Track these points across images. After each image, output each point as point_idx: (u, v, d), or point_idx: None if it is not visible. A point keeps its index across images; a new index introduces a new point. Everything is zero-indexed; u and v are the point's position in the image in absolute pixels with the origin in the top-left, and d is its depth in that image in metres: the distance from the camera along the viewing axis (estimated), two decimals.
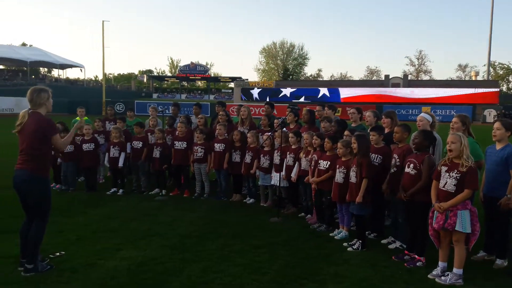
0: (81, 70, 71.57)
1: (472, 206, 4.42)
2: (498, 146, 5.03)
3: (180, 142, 8.36)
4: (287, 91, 50.12)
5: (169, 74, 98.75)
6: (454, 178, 4.38)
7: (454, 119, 5.51)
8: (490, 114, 40.57)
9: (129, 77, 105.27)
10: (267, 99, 42.25)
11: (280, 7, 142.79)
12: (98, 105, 40.90)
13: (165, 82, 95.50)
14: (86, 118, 10.08)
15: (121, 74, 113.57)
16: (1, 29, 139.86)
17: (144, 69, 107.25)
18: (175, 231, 6.13)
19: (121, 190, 8.55)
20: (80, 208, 7.38)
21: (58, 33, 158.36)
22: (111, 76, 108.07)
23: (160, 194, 8.27)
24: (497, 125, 5.03)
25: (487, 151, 5.20)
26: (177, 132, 8.55)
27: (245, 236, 5.94)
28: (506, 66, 77.99)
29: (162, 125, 9.44)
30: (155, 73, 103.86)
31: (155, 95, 77.20)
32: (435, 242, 4.64)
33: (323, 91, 49.27)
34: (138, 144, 8.68)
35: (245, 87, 52.70)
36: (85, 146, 8.69)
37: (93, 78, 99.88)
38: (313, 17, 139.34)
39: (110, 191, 8.53)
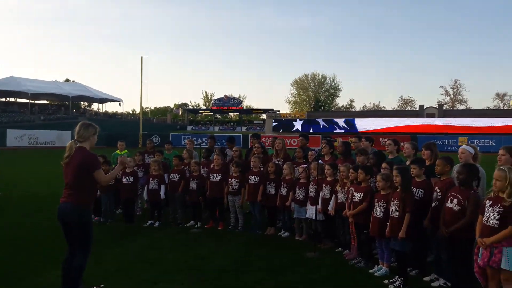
0: (119, 104, 74.48)
1: None
2: None
3: (215, 175, 8.45)
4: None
5: (203, 107, 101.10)
6: (497, 212, 4.20)
7: (500, 151, 5.28)
8: None
9: (165, 110, 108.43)
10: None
11: (312, 39, 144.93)
12: (135, 137, 42.13)
13: (199, 114, 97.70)
14: (125, 151, 10.41)
15: (158, 107, 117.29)
16: (48, 66, 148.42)
17: (180, 103, 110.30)
18: (211, 264, 6.11)
19: (157, 222, 8.66)
20: (118, 239, 7.51)
21: (99, 69, 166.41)
22: (147, 109, 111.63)
23: (196, 226, 8.31)
24: None
25: None
26: (212, 164, 8.67)
27: (282, 271, 5.84)
28: None
29: (199, 157, 9.59)
30: (190, 106, 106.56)
31: (189, 128, 78.94)
32: (480, 280, 4.41)
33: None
34: (176, 177, 8.83)
35: (278, 119, 53.18)
36: (125, 179, 8.93)
37: (131, 112, 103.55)
38: (345, 48, 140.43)
39: (147, 223, 8.66)
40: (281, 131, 50.51)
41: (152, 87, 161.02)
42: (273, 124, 53.34)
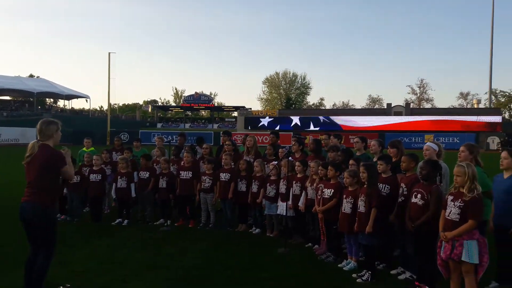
0: (86, 100, 72.69)
1: (480, 236, 4.36)
2: (506, 175, 5.04)
3: (185, 172, 8.37)
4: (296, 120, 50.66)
5: (174, 104, 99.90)
6: (457, 207, 4.36)
7: (461, 148, 5.48)
8: (494, 142, 40.56)
9: (134, 107, 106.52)
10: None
11: (283, 38, 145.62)
12: (103, 135, 41.21)
13: (170, 112, 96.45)
14: (92, 148, 10.16)
15: (126, 104, 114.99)
16: (10, 60, 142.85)
17: (149, 99, 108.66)
18: (180, 262, 6.06)
19: (126, 221, 8.51)
20: (85, 239, 7.33)
21: (65, 64, 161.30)
22: (116, 106, 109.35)
23: (165, 224, 8.22)
24: (504, 154, 5.05)
25: (495, 180, 5.20)
26: (182, 162, 8.59)
27: (252, 268, 5.85)
28: (507, 93, 78.64)
29: (168, 155, 9.48)
30: (160, 103, 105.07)
31: (159, 125, 77.76)
32: (442, 272, 4.57)
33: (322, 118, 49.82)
34: (145, 174, 8.70)
35: (249, 116, 53.17)
36: (92, 177, 8.72)
37: (98, 108, 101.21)
38: (315, 47, 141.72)
39: (116, 222, 8.49)
40: (249, 128, 50.55)
41: (120, 83, 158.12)
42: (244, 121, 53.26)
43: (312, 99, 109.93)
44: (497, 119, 47.08)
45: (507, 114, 78.27)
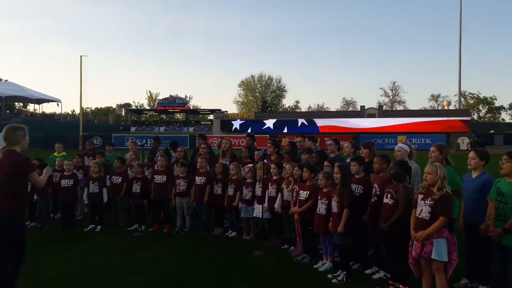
0: (57, 104, 70.76)
1: (449, 234, 4.48)
2: (474, 174, 5.18)
3: (160, 176, 8.27)
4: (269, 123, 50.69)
5: (148, 107, 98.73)
6: (428, 205, 4.47)
7: (431, 148, 5.62)
8: (463, 142, 41.71)
9: (107, 111, 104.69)
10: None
11: (258, 41, 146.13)
12: (75, 139, 40.26)
13: (144, 115, 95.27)
14: (63, 153, 9.91)
15: (99, 108, 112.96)
16: None
17: (122, 103, 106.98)
18: (155, 268, 5.97)
19: (99, 227, 8.33)
20: (56, 246, 7.13)
21: (35, 67, 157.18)
22: (88, 110, 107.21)
23: (140, 230, 8.09)
24: (471, 154, 5.20)
25: (463, 180, 5.34)
26: (156, 165, 8.48)
27: (228, 271, 5.83)
28: (476, 95, 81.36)
29: (142, 159, 9.35)
30: (134, 107, 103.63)
31: (133, 129, 76.79)
32: (414, 271, 4.67)
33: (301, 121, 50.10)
34: (117, 179, 8.55)
35: (224, 119, 52.99)
36: (64, 182, 8.50)
37: (70, 113, 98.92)
38: (290, 50, 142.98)
39: (88, 228, 8.30)
40: (225, 131, 50.36)
41: (93, 86, 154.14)
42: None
43: (287, 102, 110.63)
44: (466, 120, 48.50)
45: (475, 115, 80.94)
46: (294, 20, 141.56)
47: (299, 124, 49.61)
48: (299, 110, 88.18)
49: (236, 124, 51.14)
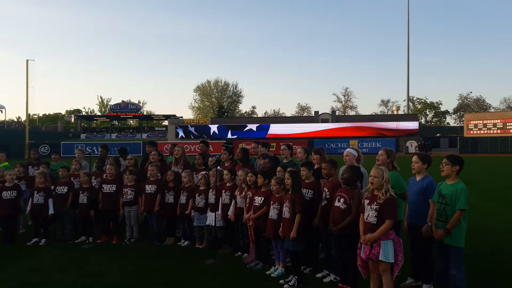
0: (1, 111, 66.89)
1: (396, 236, 4.63)
2: (418, 178, 5.40)
3: (109, 185, 7.98)
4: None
5: (99, 113, 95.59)
6: (374, 210, 4.60)
7: (380, 152, 5.80)
8: (412, 145, 43.63)
9: (55, 117, 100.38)
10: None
11: (214, 46, 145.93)
12: (21, 147, 38.22)
13: (95, 121, 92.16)
14: (6, 163, 9.33)
15: (47, 114, 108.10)
16: None
17: (72, 109, 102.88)
18: (102, 281, 5.74)
19: (43, 240, 7.91)
20: None
21: None
22: (35, 116, 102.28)
23: (87, 242, 7.76)
24: (414, 158, 5.41)
25: (409, 183, 5.54)
26: (105, 174, 8.19)
27: (179, 282, 5.70)
28: (423, 100, 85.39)
29: (90, 168, 8.98)
30: (84, 113, 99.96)
31: (83, 136, 74.02)
32: (362, 273, 4.79)
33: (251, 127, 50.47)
34: (63, 189, 8.15)
35: (180, 125, 52.30)
36: (6, 194, 7.99)
37: (16, 119, 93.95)
38: (246, 56, 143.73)
39: (32, 242, 7.86)
40: (183, 137, 49.80)
41: (40, 92, 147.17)
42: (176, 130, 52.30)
43: (244, 107, 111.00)
44: (414, 124, 50.79)
45: (423, 119, 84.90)
46: (249, 26, 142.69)
47: (254, 129, 49.92)
48: (255, 116, 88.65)
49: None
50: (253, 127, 50.72)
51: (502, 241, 7.75)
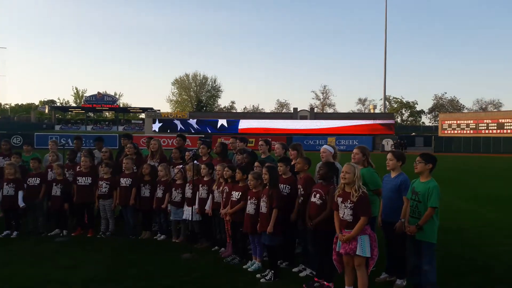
0: None
1: (371, 231, 4.72)
2: (393, 175, 5.50)
3: (83, 178, 7.83)
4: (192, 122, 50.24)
5: (74, 105, 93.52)
6: (349, 208, 4.69)
7: (355, 150, 5.90)
8: (388, 143, 44.45)
9: (29, 107, 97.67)
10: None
11: (193, 39, 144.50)
12: None
13: (69, 113, 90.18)
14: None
15: (19, 104, 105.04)
16: None
17: (46, 99, 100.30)
18: (77, 275, 5.65)
19: (15, 233, 7.72)
20: None
21: None
22: (7, 106, 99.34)
23: (61, 235, 7.62)
24: (389, 156, 5.52)
25: (383, 179, 5.65)
26: (79, 167, 8.02)
27: (155, 276, 5.66)
28: (399, 100, 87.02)
29: (63, 160, 8.78)
30: (58, 104, 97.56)
31: (57, 127, 72.21)
32: (337, 267, 4.87)
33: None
34: (35, 181, 7.95)
35: (157, 118, 51.62)
36: None
37: None
38: (225, 50, 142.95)
39: (3, 234, 7.66)
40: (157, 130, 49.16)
41: (12, 81, 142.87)
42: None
43: (223, 102, 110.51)
44: (390, 123, 51.64)
45: (399, 118, 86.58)
46: (230, 20, 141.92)
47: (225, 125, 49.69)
48: (234, 111, 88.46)
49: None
50: (224, 122, 50.41)
51: (474, 238, 7.99)
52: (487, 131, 54.28)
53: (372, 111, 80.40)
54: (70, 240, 7.48)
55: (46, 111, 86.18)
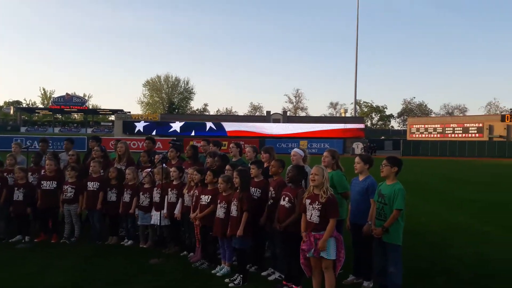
0: None
1: (337, 234, 4.77)
2: (361, 178, 5.59)
3: (48, 182, 7.57)
4: (176, 126, 49.48)
5: (41, 106, 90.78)
6: (317, 209, 4.72)
7: (325, 154, 5.95)
8: (358, 147, 45.27)
9: None
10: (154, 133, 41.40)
11: (165, 41, 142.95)
12: None
13: (36, 114, 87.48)
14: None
15: None
16: None
17: (11, 100, 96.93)
18: (41, 282, 5.47)
19: None
20: None
21: None
22: None
23: (23, 241, 7.34)
24: (357, 159, 5.61)
25: (352, 182, 5.73)
26: (44, 170, 7.76)
27: (123, 282, 5.53)
28: (369, 104, 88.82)
29: (27, 163, 8.47)
30: (24, 105, 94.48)
31: (23, 129, 69.93)
32: (305, 271, 4.89)
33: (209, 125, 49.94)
34: None
35: (127, 120, 50.62)
36: None
37: None
38: (199, 53, 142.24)
39: None
40: (127, 133, 48.15)
41: None
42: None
43: (196, 104, 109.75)
44: (360, 126, 52.62)
45: (369, 122, 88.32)
46: (203, 22, 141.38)
47: (207, 128, 49.44)
48: (207, 113, 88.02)
49: (140, 126, 49.22)
50: (207, 125, 50.00)
51: (439, 240, 8.20)
52: (453, 135, 56.19)
53: (343, 115, 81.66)
54: (33, 246, 7.22)
55: (11, 112, 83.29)
